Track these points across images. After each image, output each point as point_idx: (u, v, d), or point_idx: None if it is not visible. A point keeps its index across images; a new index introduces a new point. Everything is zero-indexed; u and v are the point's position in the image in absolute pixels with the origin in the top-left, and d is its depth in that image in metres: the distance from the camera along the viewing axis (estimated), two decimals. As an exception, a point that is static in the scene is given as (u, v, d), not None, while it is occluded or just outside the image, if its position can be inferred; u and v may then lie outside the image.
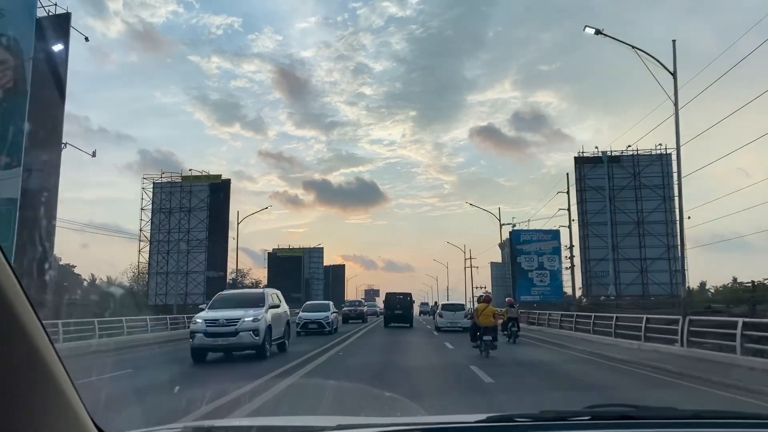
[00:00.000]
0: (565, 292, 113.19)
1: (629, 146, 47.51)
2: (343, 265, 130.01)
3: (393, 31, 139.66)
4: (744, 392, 9.71)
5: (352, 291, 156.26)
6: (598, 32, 20.03)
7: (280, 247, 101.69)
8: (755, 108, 53.37)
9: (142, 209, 55.24)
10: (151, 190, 55.64)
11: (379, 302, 71.88)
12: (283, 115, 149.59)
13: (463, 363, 14.21)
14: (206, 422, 2.44)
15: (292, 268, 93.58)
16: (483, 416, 1.74)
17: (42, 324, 1.20)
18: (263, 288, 24.39)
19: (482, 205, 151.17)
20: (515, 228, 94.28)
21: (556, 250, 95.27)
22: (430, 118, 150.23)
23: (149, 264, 55.10)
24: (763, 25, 19.11)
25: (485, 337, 15.05)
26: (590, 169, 48.64)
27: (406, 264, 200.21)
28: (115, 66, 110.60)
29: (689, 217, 30.77)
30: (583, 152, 49.54)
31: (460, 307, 31.20)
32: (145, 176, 55.76)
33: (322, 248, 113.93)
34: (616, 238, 47.82)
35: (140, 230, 55.08)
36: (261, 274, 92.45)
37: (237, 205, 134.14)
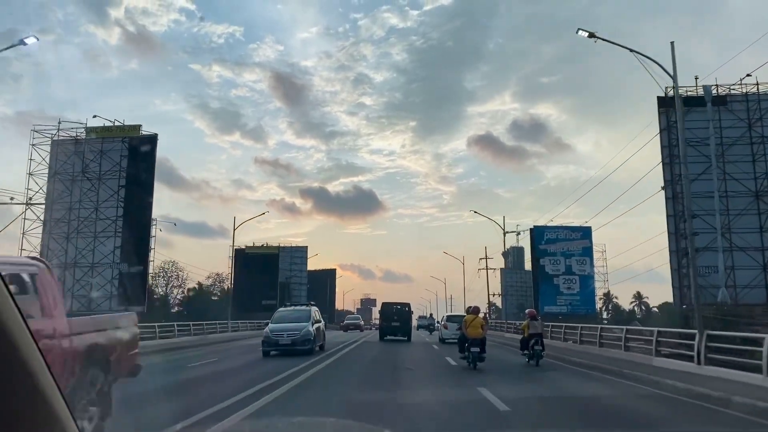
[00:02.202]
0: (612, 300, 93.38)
1: (747, 76, 31.14)
2: (334, 270, 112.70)
3: (394, 41, 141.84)
4: None
5: (347, 300, 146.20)
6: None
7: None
8: None
9: (30, 174, 38.54)
10: (48, 150, 38.93)
11: (375, 312, 68.15)
12: (284, 124, 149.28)
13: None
14: (197, 429, 2.74)
15: (265, 269, 76.70)
16: None
17: (28, 328, 1.18)
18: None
19: (481, 217, 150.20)
20: (536, 226, 77.47)
21: (588, 251, 77.95)
22: (429, 128, 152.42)
23: (41, 252, 38.27)
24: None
25: (473, 349, 14.89)
26: (684, 114, 32.15)
27: (404, 274, 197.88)
28: (116, 73, 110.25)
29: None
30: (672, 88, 33.11)
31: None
32: (36, 127, 38.88)
33: (306, 248, 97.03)
34: (727, 217, 31.46)
35: (26, 204, 38.28)
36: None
37: (236, 214, 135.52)
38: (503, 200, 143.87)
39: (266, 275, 78.00)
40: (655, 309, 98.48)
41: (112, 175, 38.10)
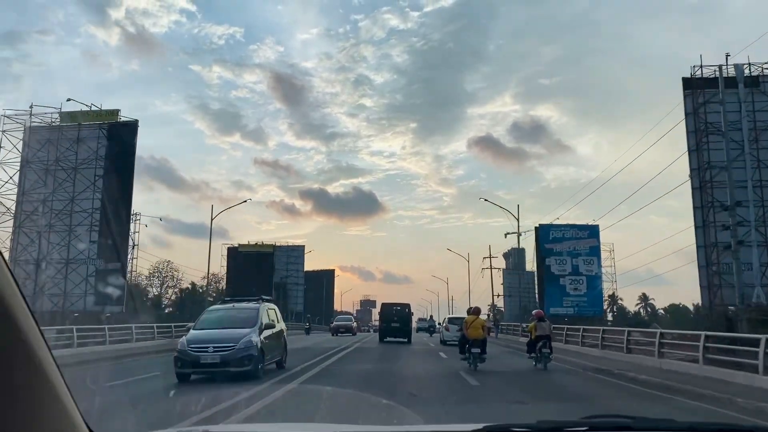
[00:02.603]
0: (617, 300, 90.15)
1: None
2: (332, 271, 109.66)
3: (394, 43, 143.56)
4: None
5: (346, 301, 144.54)
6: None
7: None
8: None
9: (-1, 164, 35.56)
10: (21, 137, 35.99)
11: (375, 314, 66.57)
12: (284, 125, 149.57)
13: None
14: (200, 428, 2.29)
15: (260, 269, 73.70)
16: (480, 426, 1.72)
17: (39, 327, 1.19)
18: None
19: (481, 219, 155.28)
20: (541, 224, 74.50)
21: (595, 250, 75.00)
22: (430, 130, 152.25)
23: (10, 248, 35.33)
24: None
25: (474, 350, 14.85)
26: (712, 96, 29.23)
27: (404, 276, 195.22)
28: (117, 73, 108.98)
29: None
30: (699, 67, 30.31)
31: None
32: (5, 112, 35.81)
33: (303, 246, 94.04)
34: (762, 209, 28.57)
35: (-5, 195, 35.31)
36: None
37: (236, 215, 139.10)
38: (503, 202, 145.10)
39: (261, 275, 75.08)
40: (662, 311, 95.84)
41: (88, 165, 35.15)
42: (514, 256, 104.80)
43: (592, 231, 69.37)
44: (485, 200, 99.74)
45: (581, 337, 22.15)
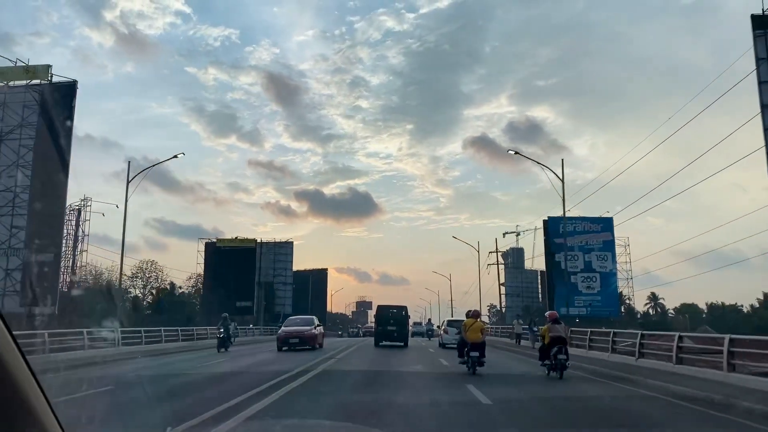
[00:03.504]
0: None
1: None
2: (325, 270, 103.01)
3: (390, 44, 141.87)
4: None
5: (340, 303, 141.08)
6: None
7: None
8: None
9: None
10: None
11: (371, 315, 63.81)
12: (280, 127, 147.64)
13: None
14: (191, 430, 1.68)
15: (240, 267, 67.14)
16: None
17: (11, 334, 1.17)
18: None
19: (479, 220, 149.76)
20: (551, 217, 68.18)
21: (609, 245, 68.32)
22: (426, 131, 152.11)
23: None
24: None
25: (472, 353, 14.58)
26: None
27: (401, 277, 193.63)
28: (112, 76, 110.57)
29: None
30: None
31: None
32: None
33: (292, 243, 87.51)
34: None
35: None
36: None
37: (231, 217, 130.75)
38: (500, 203, 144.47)
39: (243, 274, 68.60)
40: (672, 312, 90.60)
41: (14, 134, 28.68)
42: (513, 256, 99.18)
43: (606, 224, 63.04)
44: (516, 152, 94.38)
45: (612, 342, 18.80)
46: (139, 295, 67.06)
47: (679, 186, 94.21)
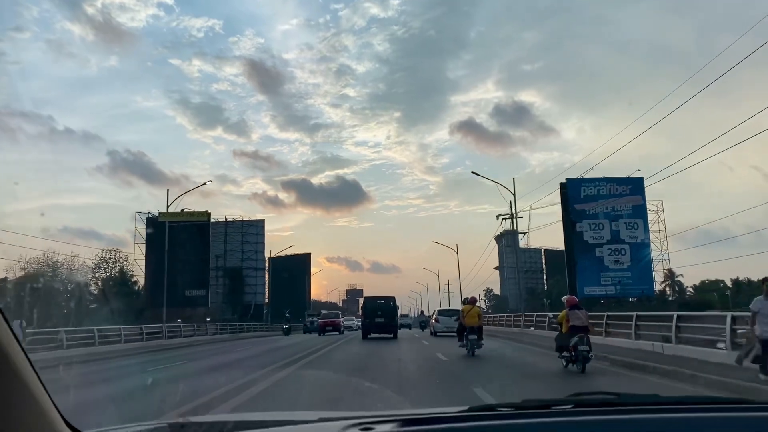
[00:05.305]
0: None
1: None
2: (308, 254, 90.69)
3: (375, 31, 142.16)
4: None
5: (324, 291, 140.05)
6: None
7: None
8: None
9: None
10: None
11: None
12: (267, 117, 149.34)
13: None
14: (180, 419, 2.06)
15: (188, 247, 54.32)
16: (465, 407, 1.72)
17: (9, 325, 1.19)
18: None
19: (468, 206, 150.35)
20: (569, 178, 56.43)
21: (640, 211, 56.44)
22: (414, 119, 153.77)
23: None
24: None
25: (470, 336, 16.15)
26: None
27: (392, 265, 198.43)
28: (95, 70, 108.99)
29: None
30: None
31: (454, 312, 30.59)
32: None
33: (263, 221, 75.17)
34: None
35: None
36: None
37: (220, 210, 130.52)
38: (489, 189, 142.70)
39: (194, 255, 56.12)
40: (690, 290, 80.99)
41: None
42: (508, 240, 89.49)
43: (636, 185, 51.39)
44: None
45: (675, 329, 14.50)
46: (93, 287, 58.16)
47: (668, 168, 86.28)
